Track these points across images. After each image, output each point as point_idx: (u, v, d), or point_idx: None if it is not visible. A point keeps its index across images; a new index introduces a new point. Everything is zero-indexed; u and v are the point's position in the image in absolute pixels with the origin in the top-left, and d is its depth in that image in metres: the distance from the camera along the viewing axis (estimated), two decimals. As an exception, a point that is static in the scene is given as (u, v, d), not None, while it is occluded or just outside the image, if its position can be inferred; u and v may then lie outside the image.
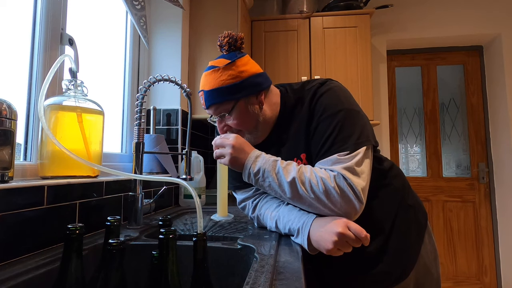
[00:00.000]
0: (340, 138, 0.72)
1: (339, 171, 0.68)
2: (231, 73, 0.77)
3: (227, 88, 0.77)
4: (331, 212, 0.69)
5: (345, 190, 0.67)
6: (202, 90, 0.80)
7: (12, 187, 0.60)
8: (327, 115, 0.75)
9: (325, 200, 0.68)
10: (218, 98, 0.77)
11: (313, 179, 0.69)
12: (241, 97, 0.78)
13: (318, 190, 0.68)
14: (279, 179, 0.71)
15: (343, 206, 0.68)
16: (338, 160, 0.70)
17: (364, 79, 1.99)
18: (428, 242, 0.88)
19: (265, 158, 0.74)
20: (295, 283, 0.49)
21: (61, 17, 0.94)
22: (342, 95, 0.78)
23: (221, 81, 0.77)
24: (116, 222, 0.58)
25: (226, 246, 0.72)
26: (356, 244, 0.65)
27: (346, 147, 0.71)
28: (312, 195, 0.68)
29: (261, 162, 0.72)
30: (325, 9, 2.19)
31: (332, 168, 0.70)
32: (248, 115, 0.79)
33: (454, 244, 2.49)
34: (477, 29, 2.41)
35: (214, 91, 0.77)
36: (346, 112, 0.74)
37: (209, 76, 0.78)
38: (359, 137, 0.72)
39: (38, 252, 0.65)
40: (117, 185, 0.96)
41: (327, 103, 0.76)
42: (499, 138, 2.42)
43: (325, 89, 0.78)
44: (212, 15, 1.70)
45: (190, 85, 1.67)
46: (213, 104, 0.78)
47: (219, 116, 0.80)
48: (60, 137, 0.78)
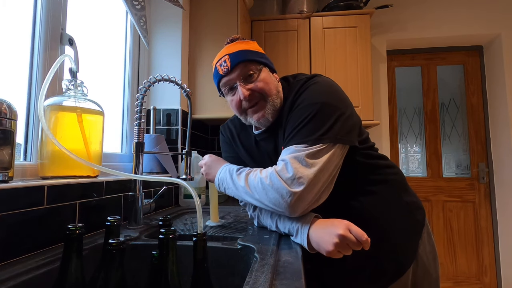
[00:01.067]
0: (305, 130, 0.71)
1: (286, 159, 0.69)
2: (256, 47, 0.83)
3: (255, 52, 0.81)
4: (275, 207, 0.70)
5: (275, 183, 0.68)
6: (226, 55, 0.79)
7: (12, 187, 0.60)
8: (302, 107, 0.75)
9: (262, 196, 0.71)
10: (248, 56, 0.79)
11: (255, 180, 0.72)
12: (266, 63, 0.83)
13: (258, 189, 0.71)
14: (233, 183, 0.78)
15: (276, 198, 0.68)
16: (294, 150, 0.70)
17: (364, 79, 1.99)
18: (427, 242, 0.88)
19: (227, 168, 0.82)
20: (295, 283, 0.49)
21: (61, 17, 0.94)
22: (324, 90, 0.77)
23: (249, 47, 0.81)
24: (116, 222, 0.58)
25: (226, 246, 0.72)
26: (356, 247, 0.65)
27: (306, 140, 0.70)
28: (256, 195, 0.72)
29: (223, 173, 0.83)
30: (325, 9, 2.18)
31: (283, 158, 0.71)
32: (272, 80, 0.82)
33: (454, 244, 2.49)
34: (477, 29, 2.40)
35: (243, 51, 0.79)
36: (320, 106, 0.72)
37: (234, 45, 0.81)
38: (324, 133, 0.70)
39: (38, 252, 0.65)
40: (117, 185, 0.96)
41: (306, 96, 0.77)
42: (499, 138, 2.42)
43: (310, 83, 0.79)
44: (212, 15, 1.70)
45: (190, 85, 1.67)
46: (242, 61, 0.78)
47: (247, 75, 0.79)
48: (60, 137, 0.78)
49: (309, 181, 0.66)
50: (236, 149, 0.97)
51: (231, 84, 0.81)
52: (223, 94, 0.86)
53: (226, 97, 0.85)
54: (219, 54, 0.82)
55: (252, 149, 0.93)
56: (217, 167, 0.87)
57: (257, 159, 0.92)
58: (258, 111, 0.81)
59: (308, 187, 0.66)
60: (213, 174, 0.87)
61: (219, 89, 0.85)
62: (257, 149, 0.92)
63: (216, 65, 0.82)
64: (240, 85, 0.79)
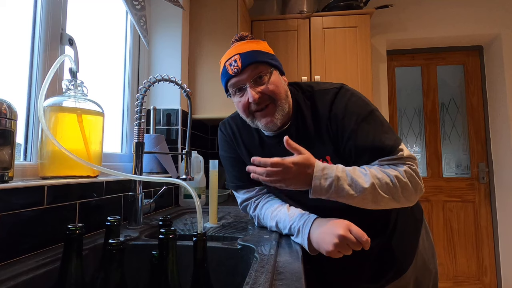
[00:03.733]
0: (386, 134, 0.75)
1: (405, 162, 0.73)
2: (267, 47, 0.82)
3: (266, 54, 0.80)
4: (400, 205, 0.73)
5: (414, 180, 0.72)
6: (236, 54, 0.77)
7: (12, 187, 0.60)
8: (363, 119, 0.75)
9: (401, 195, 0.71)
10: (259, 57, 0.77)
11: (388, 180, 0.70)
12: (277, 66, 0.81)
13: (394, 189, 0.70)
14: (356, 189, 0.68)
15: (415, 197, 0.74)
16: (401, 154, 0.73)
17: (364, 79, 1.99)
18: (426, 239, 0.89)
19: (333, 169, 0.69)
20: (295, 283, 0.49)
21: (61, 17, 0.94)
22: (363, 97, 0.81)
23: (260, 47, 0.79)
24: (116, 222, 0.58)
25: (226, 246, 0.72)
26: (356, 248, 0.65)
27: (396, 140, 0.74)
28: (390, 195, 0.70)
29: (330, 175, 0.68)
30: (325, 9, 2.18)
31: (399, 162, 0.73)
32: (282, 84, 0.80)
33: (454, 244, 2.49)
34: (477, 29, 2.40)
35: (254, 52, 0.77)
36: (376, 112, 0.78)
37: (245, 44, 0.79)
38: (393, 130, 0.77)
39: (38, 252, 0.65)
40: (117, 185, 0.96)
41: (358, 107, 0.77)
42: (499, 138, 2.42)
43: (349, 94, 0.79)
44: (212, 15, 1.70)
45: (190, 85, 1.67)
46: (253, 62, 0.76)
47: (257, 77, 0.77)
48: (60, 137, 0.78)
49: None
50: (237, 148, 0.92)
51: (241, 86, 0.78)
52: (231, 94, 0.82)
53: (233, 97, 0.82)
54: (229, 52, 0.79)
55: (256, 150, 0.88)
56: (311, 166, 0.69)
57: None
58: (266, 116, 0.78)
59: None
60: (309, 174, 0.68)
61: (227, 89, 0.82)
62: (262, 150, 0.87)
63: (226, 64, 0.78)
64: (250, 87, 0.76)
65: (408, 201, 0.74)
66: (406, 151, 0.74)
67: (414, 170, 0.73)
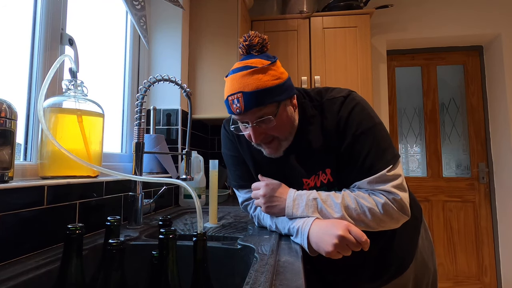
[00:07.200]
0: (380, 154, 0.73)
1: (390, 190, 0.71)
2: (274, 74, 0.72)
3: (272, 90, 0.70)
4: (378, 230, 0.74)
5: (393, 214, 0.71)
6: (239, 92, 0.69)
7: (12, 187, 0.60)
8: (362, 131, 0.73)
9: (376, 226, 0.72)
10: (263, 99, 0.69)
11: (360, 210, 0.71)
12: (283, 99, 0.73)
13: (367, 220, 0.71)
14: (326, 217, 0.72)
15: (391, 226, 0.74)
16: (387, 177, 0.71)
17: (364, 79, 1.98)
18: (425, 237, 0.90)
19: (304, 198, 0.74)
20: (295, 283, 0.49)
21: (61, 17, 0.94)
22: (369, 109, 0.78)
23: (265, 81, 0.70)
24: (116, 222, 0.58)
25: (226, 246, 0.72)
26: (356, 248, 0.65)
27: (388, 161, 0.72)
28: (362, 224, 0.71)
29: (301, 205, 0.74)
30: (325, 9, 2.18)
31: (384, 189, 0.71)
32: (288, 119, 0.75)
33: (454, 244, 2.49)
34: (477, 29, 2.40)
35: (259, 93, 0.69)
36: (377, 126, 0.75)
37: (249, 77, 0.69)
38: (393, 149, 0.75)
39: (38, 252, 0.65)
40: (117, 185, 0.96)
41: (360, 119, 0.74)
42: (499, 138, 2.42)
43: (354, 104, 0.76)
44: (212, 15, 1.70)
45: (190, 85, 1.67)
46: (256, 107, 0.70)
47: (260, 120, 0.71)
48: (60, 137, 0.78)
49: (408, 202, 0.73)
50: (240, 148, 0.90)
51: (244, 123, 0.75)
52: None
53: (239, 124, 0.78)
54: (231, 84, 0.71)
55: (257, 151, 0.85)
56: (282, 197, 0.77)
57: (262, 163, 0.86)
58: (270, 148, 0.77)
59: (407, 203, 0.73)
60: (281, 205, 0.76)
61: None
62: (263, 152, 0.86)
63: (228, 98, 0.72)
64: (253, 127, 0.72)
65: (387, 228, 0.74)
66: (398, 171, 0.73)
67: (396, 202, 0.70)
